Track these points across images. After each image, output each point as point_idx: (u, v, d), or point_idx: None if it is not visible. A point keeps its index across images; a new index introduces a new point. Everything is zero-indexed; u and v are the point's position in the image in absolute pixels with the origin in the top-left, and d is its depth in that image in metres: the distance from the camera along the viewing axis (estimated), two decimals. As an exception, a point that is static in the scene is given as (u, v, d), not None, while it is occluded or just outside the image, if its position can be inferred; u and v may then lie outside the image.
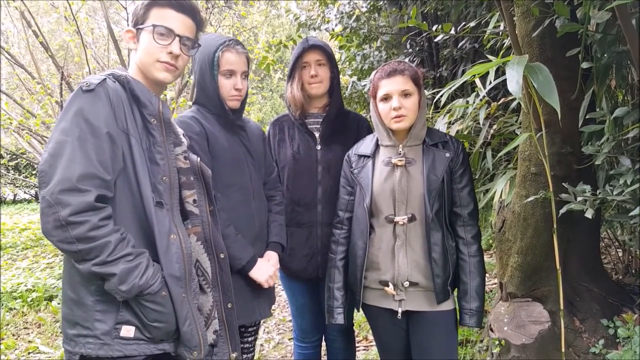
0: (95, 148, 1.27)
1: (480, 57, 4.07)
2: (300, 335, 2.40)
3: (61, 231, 1.21)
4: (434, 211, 1.77)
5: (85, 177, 1.23)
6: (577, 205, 1.95)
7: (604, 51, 2.09)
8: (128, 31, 1.50)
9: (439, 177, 1.78)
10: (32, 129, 6.01)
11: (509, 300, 2.66)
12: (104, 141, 1.29)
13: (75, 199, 1.21)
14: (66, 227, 1.21)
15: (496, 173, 3.42)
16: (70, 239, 1.22)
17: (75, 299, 1.34)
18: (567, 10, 1.92)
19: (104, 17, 6.44)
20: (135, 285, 1.28)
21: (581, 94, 2.21)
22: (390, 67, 1.82)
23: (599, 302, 2.56)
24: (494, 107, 3.26)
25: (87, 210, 1.22)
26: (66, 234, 1.21)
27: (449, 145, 1.85)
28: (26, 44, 6.38)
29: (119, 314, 1.32)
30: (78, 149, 1.24)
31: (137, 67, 1.50)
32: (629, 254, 3.12)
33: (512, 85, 1.43)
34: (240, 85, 1.88)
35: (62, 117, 1.29)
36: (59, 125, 1.28)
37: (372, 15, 5.83)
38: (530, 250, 2.57)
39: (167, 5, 1.46)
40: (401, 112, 1.77)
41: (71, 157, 1.23)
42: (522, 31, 2.38)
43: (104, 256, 1.25)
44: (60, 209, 1.20)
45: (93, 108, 1.29)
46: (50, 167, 1.23)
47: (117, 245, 1.27)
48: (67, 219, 1.20)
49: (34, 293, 4.70)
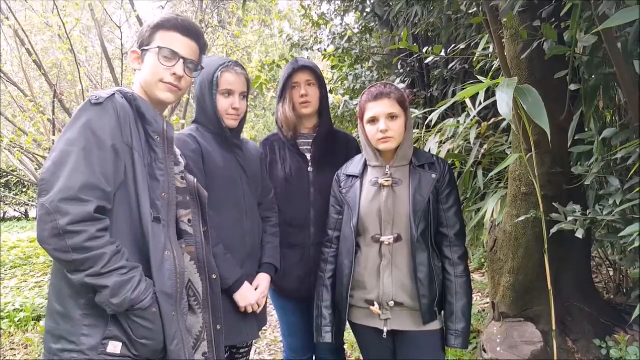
0: (99, 160, 1.27)
1: (470, 77, 4.12)
2: (290, 354, 2.37)
3: (58, 240, 1.20)
4: (419, 231, 1.78)
5: (87, 187, 1.24)
6: (568, 225, 1.96)
7: (591, 73, 2.14)
8: (134, 52, 1.54)
9: (425, 198, 1.79)
10: (24, 146, 5.97)
11: (502, 320, 2.65)
12: (109, 154, 1.30)
13: (75, 208, 1.21)
14: (63, 236, 1.20)
15: (487, 192, 3.44)
16: (66, 248, 1.21)
17: (62, 312, 1.31)
18: (554, 33, 1.96)
19: (97, 36, 6.48)
20: (127, 299, 1.27)
21: (570, 115, 2.24)
22: (377, 89, 1.85)
23: (591, 322, 2.56)
24: (484, 127, 3.29)
25: (86, 220, 1.22)
26: (62, 242, 1.20)
27: (435, 167, 1.86)
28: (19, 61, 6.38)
29: (107, 329, 1.29)
30: (82, 160, 1.25)
31: (141, 86, 1.53)
32: (620, 273, 3.13)
33: (503, 108, 1.45)
34: (238, 104, 1.92)
35: (69, 128, 1.29)
36: (64, 135, 1.28)
37: (363, 36, 5.92)
38: (522, 270, 2.58)
39: (172, 28, 1.51)
40: (388, 135, 1.80)
41: (75, 167, 1.24)
42: (511, 53, 2.42)
43: (98, 267, 1.24)
44: (59, 217, 1.19)
45: (100, 121, 1.31)
46: (52, 176, 1.23)
47: (112, 257, 1.26)
48: (65, 227, 1.19)
49: (22, 313, 4.61)
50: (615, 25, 1.46)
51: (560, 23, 2.22)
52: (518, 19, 2.32)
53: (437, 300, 1.82)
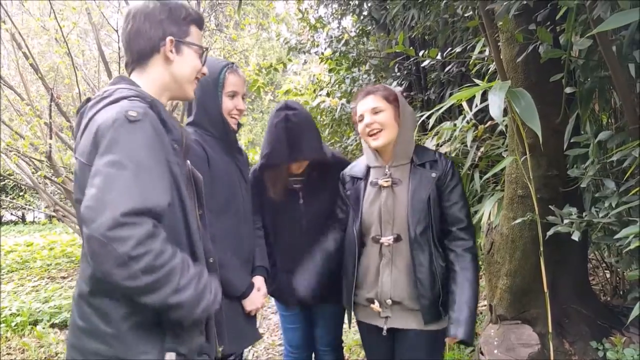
0: (148, 179, 1.16)
1: (467, 80, 4.13)
2: (290, 350, 2.40)
3: (124, 269, 1.07)
4: (418, 232, 1.78)
5: (140, 210, 1.11)
6: (564, 227, 1.97)
7: (586, 76, 2.14)
8: (172, 40, 1.34)
9: (424, 198, 1.79)
10: (20, 150, 5.95)
11: (499, 322, 2.65)
12: (156, 171, 1.20)
13: (132, 232, 1.08)
14: (129, 263, 1.07)
15: (484, 195, 3.45)
16: (135, 274, 1.08)
17: (114, 333, 1.20)
18: (550, 36, 1.97)
19: (94, 39, 6.47)
20: (208, 305, 1.22)
21: (566, 117, 2.25)
22: (365, 90, 1.91)
23: (588, 324, 2.56)
24: (480, 130, 3.30)
25: (147, 238, 1.10)
26: (130, 270, 1.07)
27: (437, 165, 1.85)
28: (16, 65, 6.36)
29: (165, 344, 1.23)
30: (130, 181, 1.12)
31: (169, 80, 1.37)
32: (617, 275, 3.14)
33: (494, 110, 1.46)
34: (242, 106, 1.93)
35: (108, 149, 1.14)
36: (104, 158, 1.13)
37: (360, 40, 5.93)
38: (518, 273, 2.58)
39: (201, 26, 1.44)
40: (373, 127, 1.83)
41: (123, 190, 1.11)
42: (507, 56, 2.43)
43: (174, 283, 1.13)
44: (117, 245, 1.06)
45: (141, 138, 1.18)
46: (99, 203, 1.08)
47: (182, 268, 1.17)
48: (129, 253, 1.06)
49: (19, 317, 4.60)
50: (609, 28, 1.47)
51: (555, 26, 2.23)
52: (513, 22, 2.33)
53: (441, 300, 1.82)
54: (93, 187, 1.10)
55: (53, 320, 4.55)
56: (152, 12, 1.31)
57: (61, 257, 7.87)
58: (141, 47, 1.32)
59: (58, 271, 6.98)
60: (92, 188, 1.10)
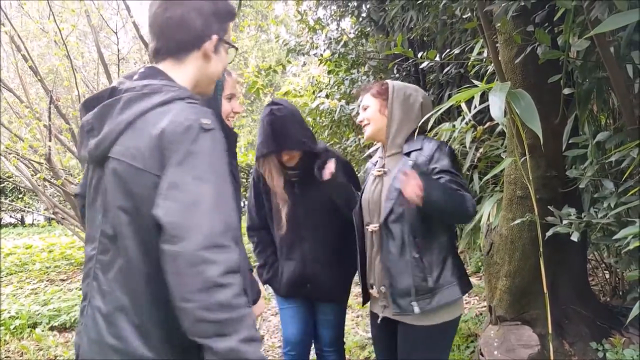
0: (229, 195, 1.08)
1: (465, 81, 4.14)
2: (287, 349, 2.43)
3: (206, 294, 0.96)
4: (390, 220, 1.79)
5: (227, 229, 1.03)
6: (563, 228, 1.98)
7: (584, 77, 2.15)
8: (217, 39, 1.22)
9: (398, 187, 1.75)
10: (20, 152, 5.95)
11: (499, 323, 2.65)
12: (231, 185, 1.11)
13: (222, 257, 0.99)
14: (213, 290, 0.97)
15: (483, 196, 3.45)
16: (213, 306, 0.97)
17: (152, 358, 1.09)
18: (548, 38, 1.97)
19: (94, 41, 6.48)
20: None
21: (564, 118, 2.26)
22: (361, 88, 2.05)
23: (587, 324, 2.56)
24: (479, 131, 3.31)
25: (234, 270, 1.01)
26: (211, 299, 0.97)
27: (421, 152, 1.81)
28: (15, 67, 6.36)
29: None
30: (217, 197, 1.04)
31: (201, 77, 1.24)
32: (616, 275, 3.14)
33: (495, 111, 1.46)
34: (238, 108, 1.95)
35: (188, 161, 1.03)
36: (184, 170, 1.03)
37: (359, 41, 5.94)
38: (518, 274, 2.58)
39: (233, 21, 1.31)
40: (363, 123, 1.96)
41: (212, 208, 1.02)
42: (506, 58, 2.44)
43: (246, 331, 1.00)
44: (206, 268, 0.97)
45: (218, 149, 1.09)
46: (187, 220, 0.99)
47: (251, 318, 1.04)
48: (216, 280, 0.97)
49: (17, 320, 4.59)
50: (607, 30, 1.47)
51: (553, 28, 2.24)
52: (512, 23, 2.34)
53: (414, 294, 1.76)
54: (176, 202, 1.00)
55: (52, 323, 4.54)
56: (202, 3, 1.17)
57: (60, 260, 7.85)
58: (183, 39, 1.17)
59: (57, 274, 6.97)
60: (174, 202, 1.00)
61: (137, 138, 1.05)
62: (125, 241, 1.06)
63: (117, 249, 1.08)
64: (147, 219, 1.03)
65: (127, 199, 1.06)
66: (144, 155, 1.04)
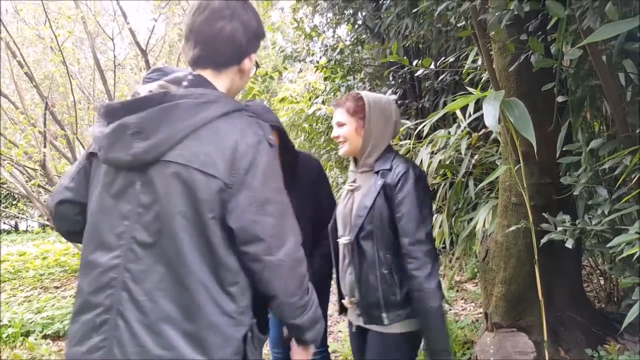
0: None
1: (460, 88, 4.17)
2: (273, 351, 2.46)
3: (302, 287, 1.20)
4: (360, 236, 1.81)
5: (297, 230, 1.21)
6: (558, 235, 1.98)
7: (578, 85, 2.17)
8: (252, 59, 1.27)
9: (367, 205, 1.80)
10: (14, 159, 5.93)
11: (495, 330, 2.65)
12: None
13: (302, 252, 1.19)
14: (304, 282, 1.20)
15: (479, 202, 3.46)
16: (304, 293, 1.21)
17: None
18: (541, 46, 1.99)
19: (90, 47, 6.48)
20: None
21: (558, 126, 2.27)
22: (334, 102, 1.98)
23: (583, 331, 2.57)
24: (474, 138, 3.32)
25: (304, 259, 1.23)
26: (303, 288, 1.20)
27: (389, 173, 1.81)
28: (10, 73, 6.35)
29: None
30: (289, 205, 1.19)
31: (232, 90, 1.27)
32: (611, 282, 3.15)
33: (489, 120, 1.47)
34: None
35: (268, 176, 1.12)
36: (267, 184, 1.12)
37: (355, 48, 5.97)
38: (513, 280, 2.59)
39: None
40: (339, 140, 1.92)
41: (291, 215, 1.19)
42: (500, 66, 2.46)
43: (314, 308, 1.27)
44: (299, 267, 1.18)
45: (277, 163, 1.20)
46: (282, 230, 1.13)
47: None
48: (304, 273, 1.19)
49: (10, 329, 4.55)
50: (599, 39, 1.49)
51: (546, 36, 2.25)
52: (505, 32, 2.36)
53: (383, 306, 1.79)
54: (272, 216, 1.11)
55: (45, 332, 4.50)
56: (249, 21, 1.20)
57: (54, 267, 7.80)
58: (228, 53, 1.19)
59: (51, 281, 6.92)
60: (270, 217, 1.11)
61: (205, 146, 1.07)
62: (178, 246, 1.06)
63: (155, 256, 1.07)
64: (206, 224, 1.06)
65: (189, 204, 1.06)
66: (215, 163, 1.06)
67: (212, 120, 1.08)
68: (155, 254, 1.07)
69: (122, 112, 1.08)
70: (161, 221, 1.06)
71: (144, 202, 1.08)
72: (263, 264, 1.10)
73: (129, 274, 1.07)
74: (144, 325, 1.05)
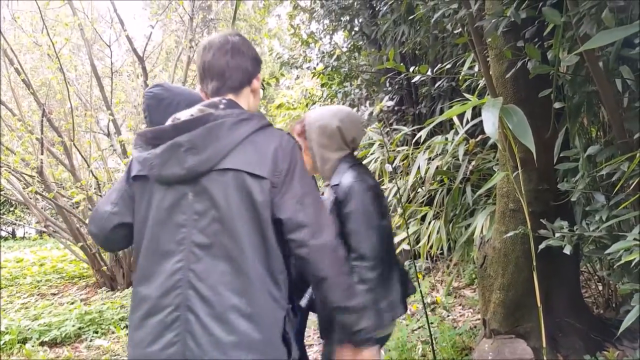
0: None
1: (457, 94, 4.18)
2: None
3: (345, 268, 1.34)
4: None
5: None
6: (556, 241, 1.98)
7: (574, 91, 2.18)
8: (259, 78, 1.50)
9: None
10: (11, 165, 5.91)
11: (493, 336, 2.64)
12: None
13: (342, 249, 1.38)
14: (345, 263, 1.36)
15: (476, 208, 3.46)
16: (347, 271, 1.37)
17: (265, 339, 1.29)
18: (538, 53, 2.00)
19: (87, 54, 6.48)
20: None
21: (555, 132, 2.28)
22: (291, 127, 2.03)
23: (581, 337, 2.56)
24: (472, 144, 3.33)
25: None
26: (345, 268, 1.35)
27: (338, 188, 1.82)
28: (7, 80, 6.35)
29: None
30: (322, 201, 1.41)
31: (250, 107, 1.46)
32: (609, 288, 3.15)
33: (488, 127, 1.47)
34: None
35: (302, 172, 1.34)
36: (304, 181, 1.33)
37: (352, 55, 5.99)
38: (511, 287, 2.58)
39: None
40: None
41: (325, 208, 1.43)
42: (496, 72, 2.46)
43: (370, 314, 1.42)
44: (340, 249, 1.33)
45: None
46: (322, 219, 1.32)
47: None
48: (344, 256, 1.36)
49: (7, 335, 4.51)
50: (596, 46, 1.50)
51: (543, 43, 2.26)
52: (502, 39, 2.37)
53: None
54: (311, 207, 1.30)
55: (43, 338, 4.46)
56: (248, 51, 1.43)
57: (52, 274, 7.75)
58: (239, 79, 1.40)
59: (48, 288, 6.88)
60: (310, 207, 1.29)
61: (250, 154, 1.27)
62: (238, 243, 1.23)
63: (213, 255, 1.23)
64: (261, 220, 1.25)
65: (246, 204, 1.24)
66: (262, 168, 1.26)
67: (251, 134, 1.29)
68: (214, 253, 1.23)
69: (173, 134, 1.26)
70: (220, 223, 1.23)
71: (199, 209, 1.25)
72: (309, 247, 1.26)
73: (193, 274, 1.22)
74: (212, 316, 1.20)
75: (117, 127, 6.47)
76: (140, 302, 1.27)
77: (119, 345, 4.20)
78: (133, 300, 1.30)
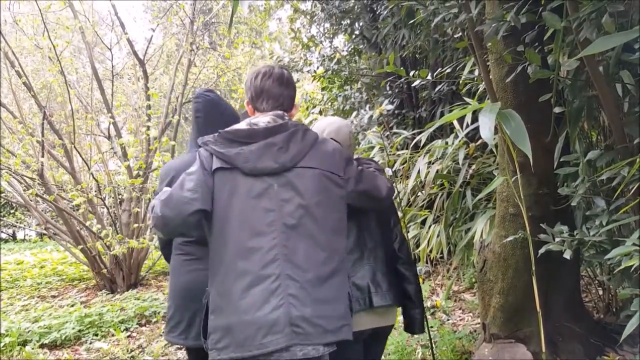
0: None
1: (458, 98, 4.18)
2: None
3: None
4: None
5: None
6: (556, 245, 1.98)
7: (574, 96, 2.18)
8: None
9: None
10: (12, 168, 5.91)
11: (492, 341, 2.64)
12: None
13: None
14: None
15: (476, 212, 3.46)
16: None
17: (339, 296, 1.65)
18: (538, 57, 2.00)
19: (88, 57, 6.49)
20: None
21: (555, 136, 2.28)
22: None
23: (581, 342, 2.55)
24: (472, 148, 3.33)
25: None
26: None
27: None
28: (8, 83, 6.36)
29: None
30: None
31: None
32: (609, 292, 3.14)
33: (485, 132, 1.47)
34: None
35: (351, 162, 1.75)
36: (355, 166, 1.76)
37: (352, 58, 6.00)
38: (511, 291, 2.57)
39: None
40: None
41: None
42: (497, 77, 2.46)
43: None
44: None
45: None
46: (377, 182, 1.80)
47: None
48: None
49: (7, 338, 4.50)
50: (597, 51, 1.50)
51: (543, 47, 2.27)
52: (502, 43, 2.37)
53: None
54: (368, 179, 1.76)
55: (43, 341, 4.45)
56: (293, 82, 1.78)
57: (52, 276, 7.74)
58: (289, 103, 1.73)
59: (48, 290, 6.87)
60: (368, 180, 1.75)
61: (321, 155, 1.62)
62: (320, 224, 1.54)
63: (299, 234, 1.51)
64: (339, 204, 1.63)
65: (325, 193, 1.58)
66: (332, 165, 1.63)
67: (317, 139, 1.65)
68: (299, 232, 1.51)
69: (264, 135, 1.55)
70: (304, 209, 1.53)
71: (285, 197, 1.53)
72: (380, 202, 1.81)
73: (286, 249, 1.50)
74: (306, 281, 1.49)
75: (117, 130, 6.48)
76: (241, 275, 1.48)
77: (118, 347, 4.19)
78: (228, 275, 1.50)
